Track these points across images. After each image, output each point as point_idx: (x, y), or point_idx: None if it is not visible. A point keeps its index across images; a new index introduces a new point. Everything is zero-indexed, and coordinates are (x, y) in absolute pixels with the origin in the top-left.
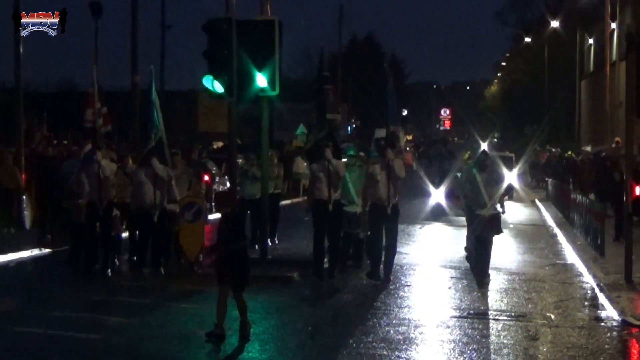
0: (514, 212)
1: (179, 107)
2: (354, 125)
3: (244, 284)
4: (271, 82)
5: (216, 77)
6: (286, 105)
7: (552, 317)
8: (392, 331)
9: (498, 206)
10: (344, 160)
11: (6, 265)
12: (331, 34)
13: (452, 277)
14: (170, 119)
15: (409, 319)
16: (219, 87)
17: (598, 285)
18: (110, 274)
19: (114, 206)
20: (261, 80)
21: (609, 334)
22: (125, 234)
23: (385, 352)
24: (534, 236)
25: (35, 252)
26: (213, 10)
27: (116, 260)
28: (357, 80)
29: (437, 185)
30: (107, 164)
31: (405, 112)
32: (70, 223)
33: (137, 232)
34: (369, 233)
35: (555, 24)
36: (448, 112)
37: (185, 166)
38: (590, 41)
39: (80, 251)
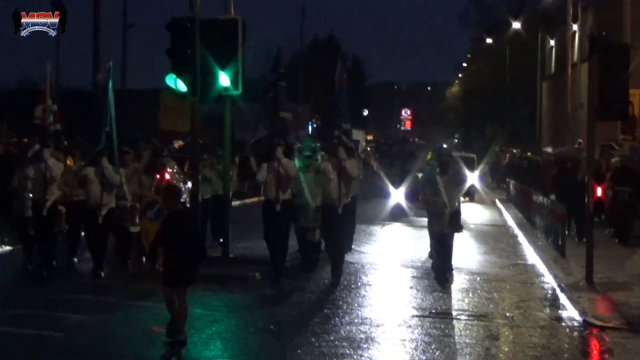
0: (475, 214)
1: (141, 106)
2: (314, 125)
3: (189, 282)
4: (234, 81)
5: (179, 76)
6: (248, 104)
7: (513, 317)
8: (354, 330)
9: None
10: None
11: None
12: (294, 34)
13: (413, 277)
14: (131, 117)
15: (370, 318)
16: (182, 86)
17: (559, 285)
18: (45, 274)
19: (58, 206)
20: (224, 79)
21: (570, 334)
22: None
23: (347, 351)
24: (495, 237)
25: None
26: (176, 9)
27: (75, 259)
28: (319, 80)
29: (397, 185)
30: (55, 164)
31: (366, 113)
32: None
33: (84, 232)
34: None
35: (517, 25)
36: (409, 112)
37: (136, 165)
38: (552, 43)
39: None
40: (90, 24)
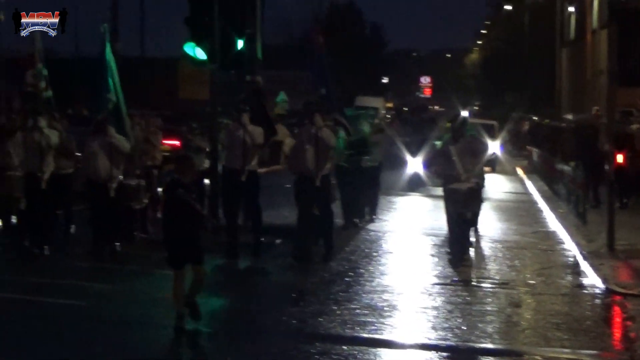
0: (497, 183)
1: (159, 74)
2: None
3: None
4: (253, 47)
5: (198, 44)
6: (266, 71)
7: (535, 284)
8: (375, 298)
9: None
10: None
11: None
12: (312, 1)
13: (434, 245)
14: (150, 86)
15: (392, 286)
16: (200, 54)
17: (580, 252)
18: (48, 252)
19: (57, 179)
20: (242, 45)
21: (592, 302)
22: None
23: (369, 319)
24: (516, 205)
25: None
26: None
27: (72, 227)
28: (338, 47)
29: (415, 154)
30: (50, 133)
31: (385, 80)
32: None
33: (92, 207)
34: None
35: None
36: (428, 79)
37: (138, 133)
38: (571, 9)
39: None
40: None
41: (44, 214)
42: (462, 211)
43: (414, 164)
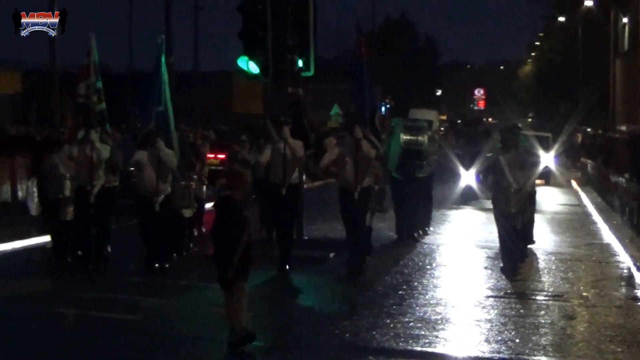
0: (551, 195)
1: (213, 88)
2: (388, 106)
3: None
4: (306, 62)
5: (251, 58)
6: (320, 84)
7: (589, 296)
8: (429, 311)
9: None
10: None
11: (30, 249)
12: (365, 14)
13: (487, 257)
14: (204, 100)
15: (445, 299)
16: (254, 68)
17: (635, 264)
18: (101, 268)
19: (109, 192)
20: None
21: None
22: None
23: (422, 332)
24: (570, 217)
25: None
26: None
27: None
28: (392, 60)
29: (467, 166)
30: (102, 146)
31: (439, 93)
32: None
33: (139, 221)
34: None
35: (589, 2)
36: (482, 92)
37: (185, 147)
38: (625, 20)
39: (57, 240)
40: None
41: (92, 227)
42: (512, 210)
43: (467, 177)
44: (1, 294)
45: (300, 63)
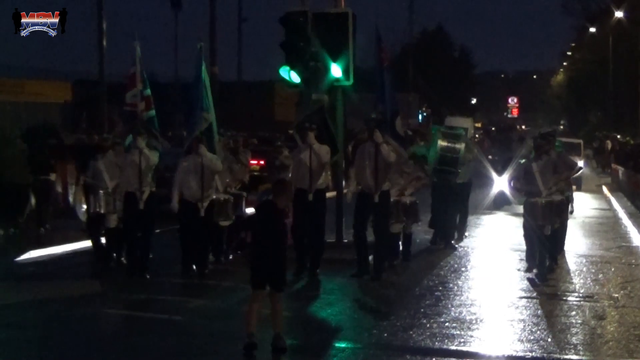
0: (582, 201)
1: (256, 97)
2: (424, 114)
3: (283, 284)
4: (345, 72)
5: (293, 68)
6: (359, 94)
7: (619, 297)
8: (464, 311)
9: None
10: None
11: (79, 252)
12: (403, 26)
13: (521, 260)
14: (247, 108)
15: (479, 299)
16: (295, 78)
17: None
18: (148, 276)
19: (156, 198)
20: (336, 70)
21: None
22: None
23: (457, 332)
24: (600, 221)
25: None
26: (288, 3)
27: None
28: (428, 70)
29: (500, 172)
30: (150, 153)
31: (474, 101)
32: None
33: (181, 226)
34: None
35: (619, 14)
36: (515, 100)
37: (227, 153)
38: None
39: (100, 247)
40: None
41: (141, 232)
42: (541, 224)
43: (501, 183)
44: (53, 295)
45: (339, 72)
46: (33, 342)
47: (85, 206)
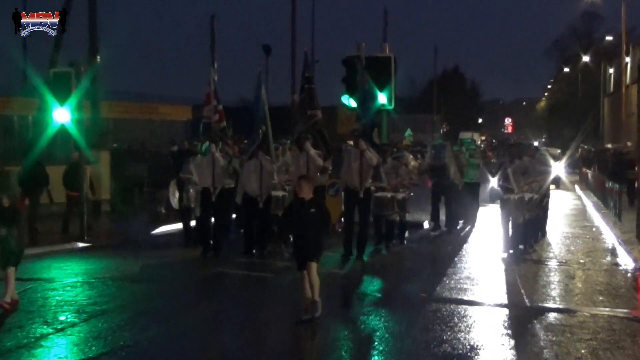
0: (559, 196)
1: (325, 117)
2: (444, 130)
3: (318, 255)
4: (389, 99)
5: (351, 96)
6: (398, 115)
7: (585, 262)
8: (474, 271)
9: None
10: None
11: (174, 233)
12: (429, 66)
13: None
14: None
15: (484, 263)
16: (353, 103)
17: (617, 240)
18: (219, 255)
19: (226, 193)
20: (382, 98)
21: (625, 275)
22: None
23: (468, 287)
24: (572, 208)
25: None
26: (347, 49)
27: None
28: (447, 98)
29: (494, 173)
30: (221, 156)
31: (480, 121)
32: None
33: (246, 216)
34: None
35: (585, 59)
36: (510, 120)
37: (283, 157)
38: (611, 70)
39: (189, 232)
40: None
41: (215, 220)
42: (513, 216)
43: (493, 181)
44: (161, 262)
45: (384, 100)
46: (163, 293)
47: (177, 197)
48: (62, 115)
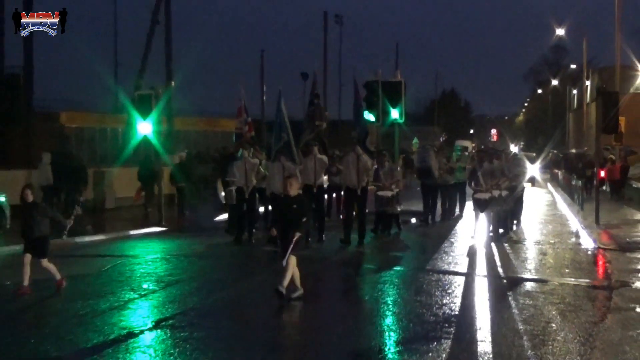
0: (534, 192)
1: (348, 130)
2: (443, 138)
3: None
4: (400, 114)
5: (370, 112)
6: (407, 127)
7: (554, 242)
8: (465, 250)
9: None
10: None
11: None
12: (431, 87)
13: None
14: (344, 135)
15: (464, 246)
16: (371, 117)
17: (580, 225)
18: (253, 241)
19: (256, 191)
20: (395, 113)
21: (586, 253)
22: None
23: (461, 262)
24: (544, 201)
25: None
26: (367, 76)
27: (254, 230)
28: (446, 114)
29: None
30: (253, 160)
31: (471, 131)
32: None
33: (272, 211)
34: (399, 210)
35: (555, 82)
36: (495, 131)
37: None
38: (574, 92)
39: (234, 224)
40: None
41: (247, 214)
42: (481, 210)
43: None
44: (221, 242)
45: (396, 115)
46: (223, 267)
47: (223, 194)
48: (145, 128)
